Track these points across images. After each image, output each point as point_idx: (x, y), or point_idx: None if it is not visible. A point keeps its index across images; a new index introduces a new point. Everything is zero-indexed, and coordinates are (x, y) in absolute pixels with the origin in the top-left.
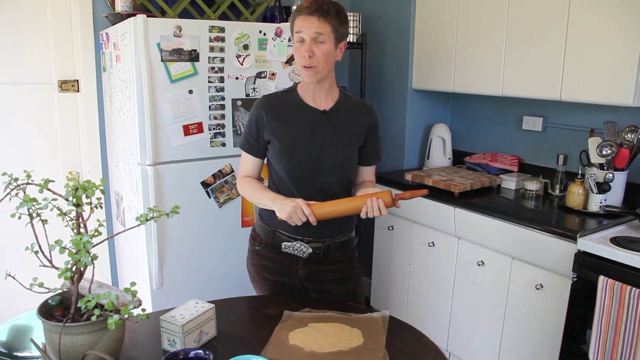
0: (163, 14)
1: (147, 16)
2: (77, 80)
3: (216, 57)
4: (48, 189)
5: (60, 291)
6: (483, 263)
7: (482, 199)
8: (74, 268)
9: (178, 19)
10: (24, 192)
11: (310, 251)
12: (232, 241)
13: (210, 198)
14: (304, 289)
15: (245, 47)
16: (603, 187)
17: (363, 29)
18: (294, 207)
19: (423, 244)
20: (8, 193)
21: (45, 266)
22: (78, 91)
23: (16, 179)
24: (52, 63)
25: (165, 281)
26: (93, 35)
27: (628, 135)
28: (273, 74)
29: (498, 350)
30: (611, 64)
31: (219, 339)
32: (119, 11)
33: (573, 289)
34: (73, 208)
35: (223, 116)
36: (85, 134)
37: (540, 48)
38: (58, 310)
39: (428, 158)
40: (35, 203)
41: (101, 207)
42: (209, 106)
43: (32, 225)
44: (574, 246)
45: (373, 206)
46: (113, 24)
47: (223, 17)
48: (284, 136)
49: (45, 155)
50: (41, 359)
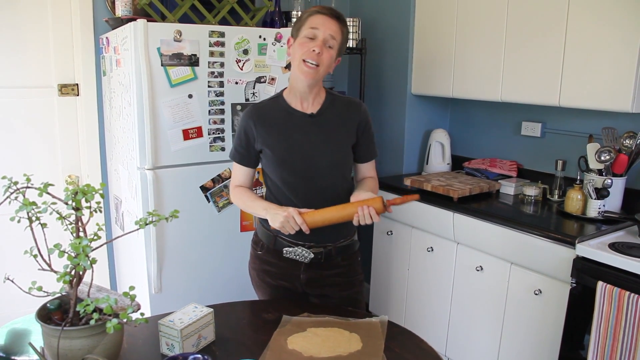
0: (163, 19)
1: (148, 21)
2: (77, 84)
3: (216, 62)
4: (47, 193)
5: (59, 295)
6: (482, 268)
7: (481, 204)
8: (73, 272)
9: (178, 24)
10: (24, 196)
11: (311, 256)
12: (231, 245)
13: (209, 202)
14: (305, 294)
15: (245, 52)
16: (602, 193)
17: (362, 34)
18: (286, 217)
19: (422, 249)
20: (8, 197)
21: (44, 270)
22: (78, 95)
23: (16, 183)
24: (52, 67)
25: (164, 285)
26: (93, 39)
27: (626, 141)
28: (273, 79)
29: (497, 355)
30: (610, 70)
31: (218, 344)
32: (120, 15)
33: (572, 295)
34: (72, 212)
35: (223, 121)
36: (84, 138)
37: (539, 54)
38: (57, 314)
39: (427, 163)
40: (34, 207)
41: (100, 211)
42: (209, 111)
43: (32, 228)
44: (573, 252)
45: (364, 215)
46: (113, 28)
47: (223, 22)
48: (275, 145)
49: (44, 158)
50: None
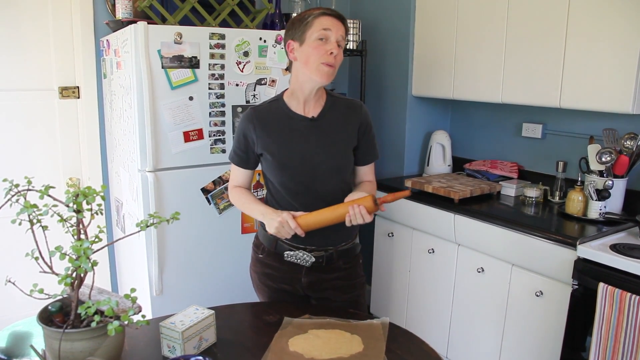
0: (164, 21)
1: (148, 23)
2: (78, 86)
3: (216, 64)
4: (49, 195)
5: (60, 297)
6: (483, 270)
7: (482, 206)
8: (74, 274)
9: (178, 26)
10: (25, 198)
11: (312, 260)
12: (232, 247)
13: (210, 204)
14: (307, 297)
15: (245, 54)
16: (603, 194)
17: (363, 36)
18: (280, 222)
19: (423, 251)
20: (9, 199)
21: (45, 272)
22: (78, 98)
23: (17, 185)
24: (53, 69)
25: (165, 287)
26: (94, 42)
27: (627, 142)
28: (273, 81)
29: (498, 357)
30: (610, 72)
31: (219, 346)
32: (120, 18)
33: (573, 296)
34: (73, 214)
35: (223, 123)
36: (85, 141)
37: (539, 55)
38: (58, 316)
39: (428, 165)
40: (35, 209)
41: (101, 214)
42: (209, 113)
43: (33, 231)
44: (574, 253)
45: (355, 214)
46: (114, 31)
47: (223, 24)
48: (275, 149)
49: (45, 161)
50: None
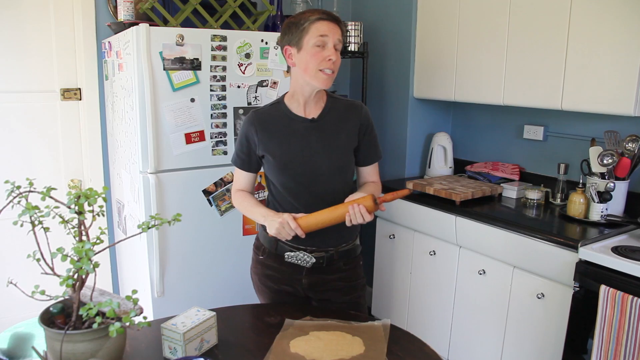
0: (165, 23)
1: (150, 25)
2: (80, 88)
3: (218, 66)
4: (50, 197)
5: (61, 299)
6: (484, 272)
7: (483, 208)
8: (76, 276)
9: (180, 28)
10: (26, 200)
11: (313, 261)
12: (234, 249)
13: (211, 206)
14: (307, 298)
15: (247, 56)
16: (604, 197)
17: (364, 38)
18: (281, 223)
19: (424, 253)
20: (10, 201)
21: (47, 274)
22: (80, 99)
23: (18, 187)
24: (55, 71)
25: (166, 289)
26: (96, 43)
27: (629, 144)
28: (275, 83)
29: (499, 359)
30: (612, 74)
31: (220, 347)
32: (122, 20)
33: (574, 298)
34: (75, 216)
35: (225, 124)
36: (87, 142)
37: (541, 57)
38: (60, 317)
39: (429, 167)
40: (37, 211)
41: (103, 215)
42: (211, 114)
43: (34, 233)
44: (576, 255)
45: (355, 213)
46: (116, 33)
47: (225, 26)
48: (276, 151)
49: (47, 163)
50: None
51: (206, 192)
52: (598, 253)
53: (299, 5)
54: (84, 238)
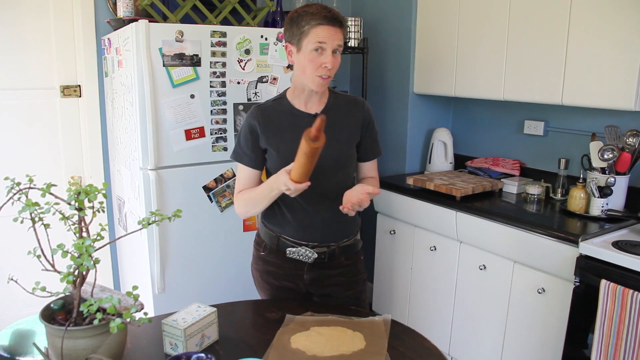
0: (165, 19)
1: (149, 21)
2: (79, 85)
3: (218, 62)
4: (50, 193)
5: (62, 295)
6: (485, 267)
7: (484, 203)
8: (76, 272)
9: (180, 24)
10: (27, 197)
11: (315, 256)
12: (234, 245)
13: (212, 202)
14: (309, 294)
15: (246, 52)
16: (605, 191)
17: (364, 34)
18: (288, 190)
19: (425, 248)
20: (10, 197)
21: (47, 270)
22: (80, 96)
23: (18, 184)
24: (54, 68)
25: (167, 285)
26: (95, 40)
27: (630, 139)
28: (275, 79)
29: (500, 354)
30: (612, 68)
31: (221, 343)
32: (121, 16)
33: (575, 293)
34: (75, 212)
35: (225, 121)
36: (87, 139)
37: (541, 52)
38: (60, 314)
39: (430, 162)
40: (37, 207)
41: (103, 211)
42: (211, 111)
43: (35, 229)
44: (576, 250)
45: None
46: (115, 29)
47: (225, 22)
48: (280, 146)
49: (47, 160)
50: None
51: (206, 189)
52: (599, 248)
53: (299, 1)
54: (85, 234)
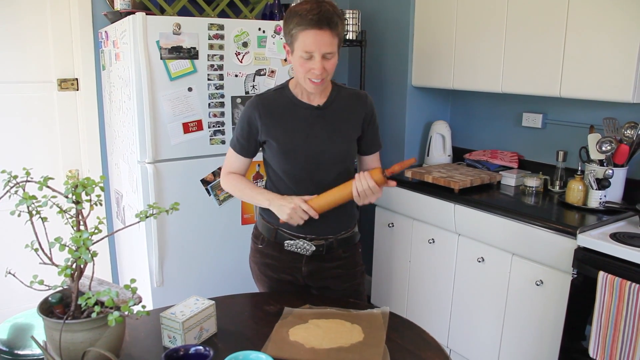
0: (162, 12)
1: (146, 14)
2: (77, 78)
3: (215, 55)
4: (47, 187)
5: (60, 288)
6: (483, 259)
7: (482, 196)
8: (74, 265)
9: (177, 17)
10: (24, 190)
11: (313, 249)
12: (232, 238)
13: (210, 195)
14: (307, 286)
15: (244, 45)
16: (603, 184)
17: (362, 27)
18: (294, 209)
19: (423, 241)
20: (8, 191)
21: (45, 264)
22: (77, 90)
23: (15, 177)
24: (52, 62)
25: (165, 278)
26: (92, 33)
27: (628, 131)
28: (272, 72)
29: (498, 346)
30: (611, 60)
31: (220, 336)
32: (118, 9)
33: (573, 285)
34: (73, 205)
35: (223, 114)
36: (84, 133)
37: (539, 44)
38: (58, 307)
39: (428, 155)
40: (34, 200)
41: (101, 204)
42: (209, 104)
43: (32, 222)
44: (574, 242)
45: (362, 185)
46: (112, 22)
47: (222, 15)
48: (280, 136)
49: (45, 154)
50: (42, 357)
51: (204, 182)
52: (596, 240)
53: None
54: (82, 227)
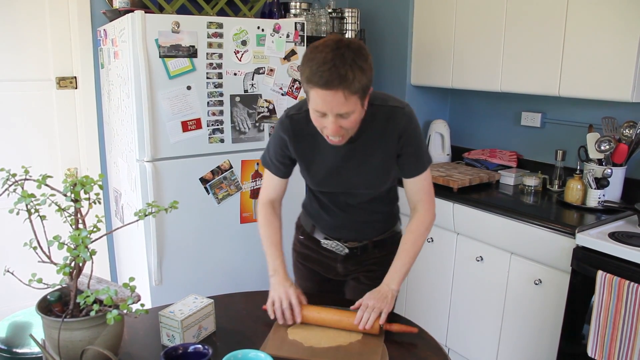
0: (161, 10)
1: (145, 12)
2: (75, 77)
3: (214, 53)
4: (46, 185)
5: (59, 287)
6: (482, 259)
7: (481, 195)
8: (73, 263)
9: (176, 15)
10: (22, 188)
11: (347, 251)
12: (231, 237)
13: (209, 194)
14: (340, 281)
15: (243, 43)
16: (601, 183)
17: (361, 25)
18: (280, 298)
19: None
20: (6, 189)
21: (44, 262)
22: (76, 88)
23: (14, 175)
24: (50, 60)
25: (164, 277)
26: (91, 31)
27: (626, 130)
28: (271, 70)
29: (497, 345)
30: (609, 60)
31: (218, 334)
32: (117, 7)
33: (572, 284)
34: (71, 204)
35: (221, 112)
36: (83, 131)
37: (538, 43)
38: (57, 305)
39: None
40: (33, 199)
41: (99, 203)
42: (208, 102)
43: (31, 221)
44: (573, 241)
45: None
46: (111, 21)
47: (221, 13)
48: (309, 165)
49: (43, 152)
50: (41, 355)
51: (203, 180)
52: (595, 239)
53: None
54: (81, 226)
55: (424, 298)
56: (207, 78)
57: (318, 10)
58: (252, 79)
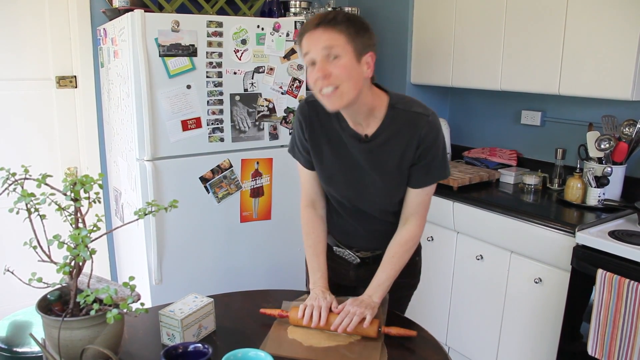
0: (161, 9)
1: (145, 11)
2: (75, 76)
3: (214, 52)
4: (46, 184)
5: (59, 286)
6: (482, 257)
7: (481, 194)
8: (73, 263)
9: (176, 14)
10: (22, 187)
11: (358, 260)
12: (231, 236)
13: (209, 193)
14: (355, 288)
15: (243, 42)
16: (601, 181)
17: None
18: (312, 306)
19: (422, 239)
20: (6, 188)
21: (43, 261)
22: (76, 87)
23: (14, 174)
24: (50, 59)
25: (164, 276)
26: (90, 31)
27: (626, 129)
28: (271, 69)
29: (497, 344)
30: (609, 58)
31: (218, 334)
32: (117, 6)
33: (572, 283)
34: (71, 203)
35: (221, 111)
36: (83, 130)
37: (538, 42)
38: (57, 305)
39: None
40: (33, 198)
41: (99, 202)
42: (207, 101)
43: (31, 220)
44: (573, 240)
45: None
46: (110, 20)
47: (221, 12)
48: (321, 160)
49: (43, 151)
50: (41, 354)
51: (203, 179)
52: (595, 237)
53: None
54: (81, 225)
55: (424, 297)
56: (207, 77)
57: (318, 9)
58: (252, 78)
